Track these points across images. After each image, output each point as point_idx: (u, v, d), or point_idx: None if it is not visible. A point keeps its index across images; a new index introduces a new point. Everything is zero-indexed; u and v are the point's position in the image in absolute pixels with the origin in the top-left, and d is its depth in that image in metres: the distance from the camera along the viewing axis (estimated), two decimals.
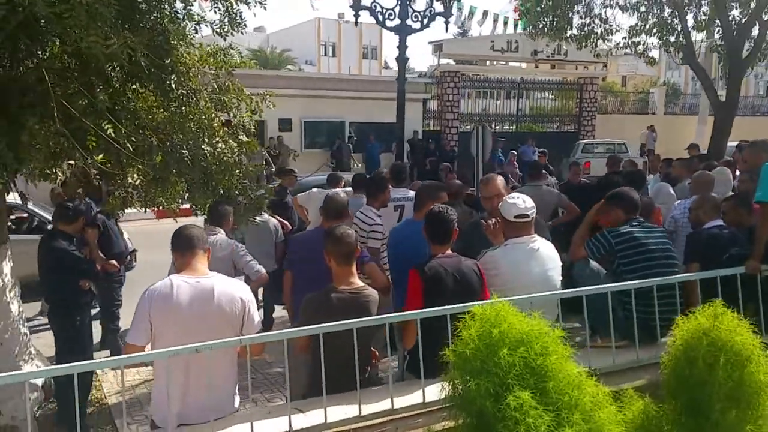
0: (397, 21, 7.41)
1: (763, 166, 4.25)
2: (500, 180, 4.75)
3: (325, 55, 53.19)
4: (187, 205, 5.30)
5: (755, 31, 9.30)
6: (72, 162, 4.46)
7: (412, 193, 6.15)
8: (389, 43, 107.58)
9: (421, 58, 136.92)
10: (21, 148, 3.83)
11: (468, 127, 22.16)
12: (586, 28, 11.13)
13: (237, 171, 5.17)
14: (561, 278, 3.90)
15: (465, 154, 20.23)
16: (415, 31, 7.59)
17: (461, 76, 22.28)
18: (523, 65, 27.49)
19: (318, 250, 3.46)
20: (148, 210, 5.24)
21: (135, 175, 4.73)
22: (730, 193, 5.69)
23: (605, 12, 11.04)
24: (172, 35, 4.36)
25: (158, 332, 2.91)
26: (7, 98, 3.81)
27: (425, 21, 7.55)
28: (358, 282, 3.34)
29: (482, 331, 2.42)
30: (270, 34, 53.72)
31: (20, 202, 5.77)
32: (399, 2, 7.42)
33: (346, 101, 19.99)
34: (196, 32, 4.80)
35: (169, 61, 4.38)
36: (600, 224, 4.45)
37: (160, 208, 5.13)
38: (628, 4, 11.09)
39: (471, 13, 11.11)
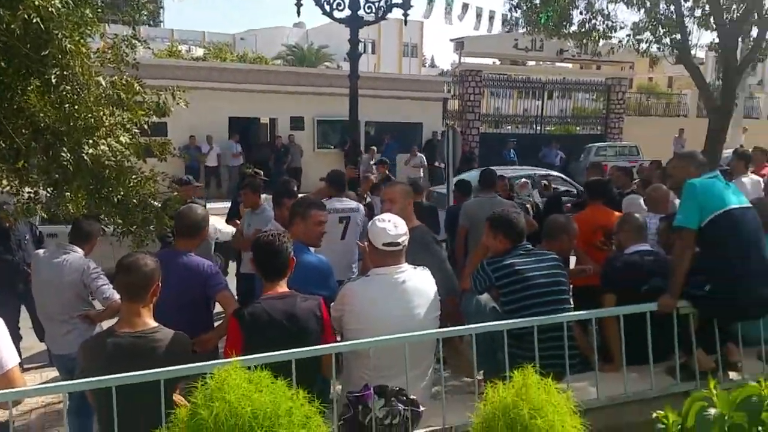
0: (348, 12, 6.91)
1: (685, 184, 3.65)
2: (400, 187, 4.28)
3: (365, 52, 52.95)
4: None
5: (755, 32, 8.56)
6: None
7: (355, 204, 5.74)
8: (431, 41, 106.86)
9: (446, 55, 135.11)
10: None
11: (482, 128, 21.58)
12: (587, 25, 10.44)
13: (133, 177, 4.78)
14: (437, 314, 3.37)
15: (485, 156, 19.92)
16: (369, 23, 7.11)
17: (482, 75, 21.60)
18: (556, 64, 26.54)
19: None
20: None
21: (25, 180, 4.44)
22: None
23: (608, 8, 10.33)
24: (54, 22, 3.97)
25: None
26: None
27: (380, 12, 7.04)
28: (149, 323, 2.78)
29: (193, 412, 1.90)
30: (309, 30, 53.82)
31: None
32: None
33: (362, 99, 19.57)
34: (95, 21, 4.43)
35: (48, 52, 4.03)
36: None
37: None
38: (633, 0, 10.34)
39: (448, 5, 10.48)
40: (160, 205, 4.86)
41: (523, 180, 8.47)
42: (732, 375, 3.77)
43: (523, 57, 23.27)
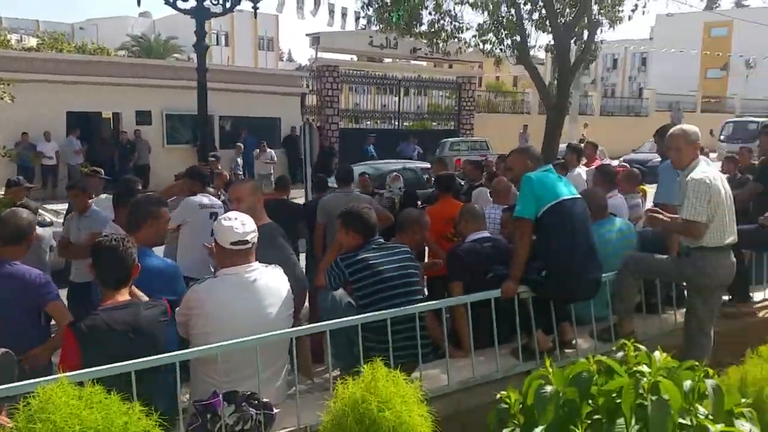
0: (193, 3, 6.63)
1: (523, 177, 3.89)
2: (248, 184, 4.16)
3: (217, 44, 51.30)
4: None
5: (586, 35, 9.39)
6: None
7: (218, 201, 5.52)
8: (288, 35, 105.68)
9: (304, 49, 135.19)
10: None
11: (341, 123, 21.79)
12: (436, 25, 10.82)
13: None
14: (291, 311, 3.32)
15: (345, 151, 20.11)
16: (215, 15, 6.89)
17: (340, 71, 21.72)
18: (411, 62, 27.32)
19: None
20: None
21: None
22: None
23: (455, 9, 10.77)
24: None
25: None
26: None
27: (227, 4, 6.82)
28: None
29: None
30: (156, 20, 51.13)
31: None
32: None
33: (216, 93, 18.89)
34: None
35: None
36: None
37: None
38: (478, 2, 10.86)
39: (300, 0, 10.45)
40: None
41: (395, 173, 8.59)
42: (568, 352, 4.06)
43: (379, 54, 23.70)
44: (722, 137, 24.95)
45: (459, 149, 20.49)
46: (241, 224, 3.10)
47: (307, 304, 4.76)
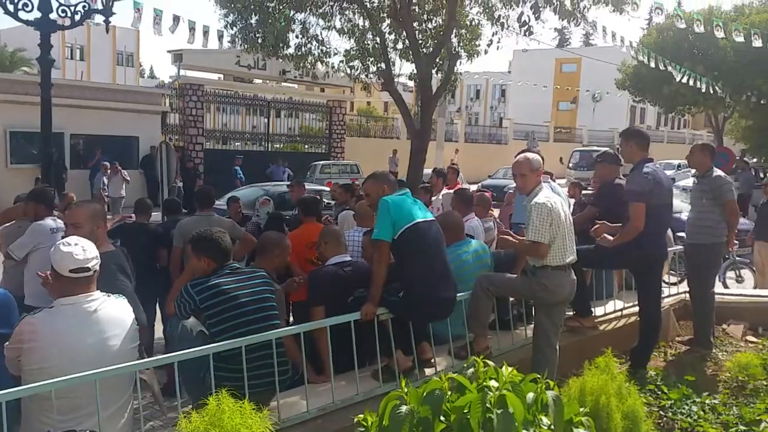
0: (38, 14, 6.17)
1: (380, 202, 3.98)
2: (86, 208, 3.86)
3: (72, 58, 48.09)
4: None
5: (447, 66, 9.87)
6: None
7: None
8: (150, 51, 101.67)
9: (168, 67, 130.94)
10: None
11: (207, 144, 21.21)
12: (303, 48, 10.85)
13: None
14: (136, 344, 3.10)
15: (212, 173, 19.46)
16: (63, 27, 6.46)
17: (204, 90, 21.12)
18: (282, 84, 27.16)
19: None
20: None
21: None
22: None
23: (321, 34, 10.88)
24: None
25: None
26: None
27: (77, 17, 6.42)
28: None
29: None
30: (3, 30, 47.05)
31: None
32: None
33: (66, 110, 17.61)
34: None
35: None
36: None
37: None
38: (345, 28, 11.06)
39: (157, 15, 10.10)
40: None
41: (264, 197, 8.41)
42: (427, 371, 4.16)
43: (248, 75, 23.33)
44: (570, 164, 27.51)
45: (330, 172, 20.64)
46: (82, 250, 2.87)
47: None
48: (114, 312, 2.95)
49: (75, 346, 2.78)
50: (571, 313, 5.24)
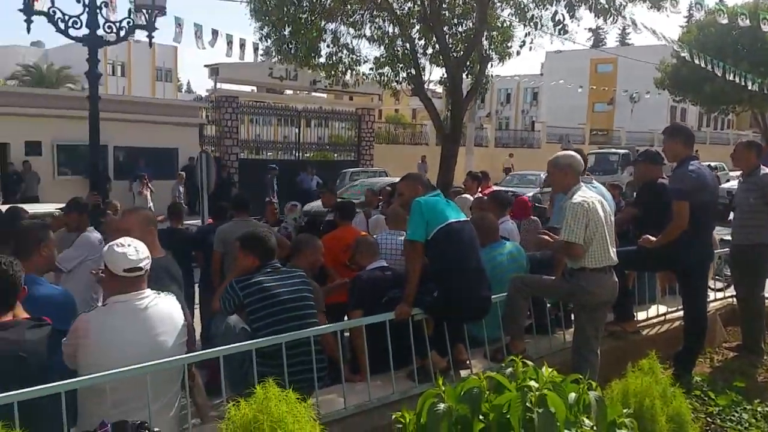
0: (86, 31, 6.41)
1: (412, 203, 4.00)
2: (137, 214, 3.97)
3: (114, 74, 49.51)
4: None
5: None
6: None
7: None
8: (187, 66, 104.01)
9: (204, 81, 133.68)
10: None
11: (241, 154, 21.56)
12: (334, 57, 10.99)
13: None
14: (184, 339, 3.20)
15: (246, 182, 19.79)
16: (109, 43, 6.71)
17: (239, 102, 21.49)
18: (312, 94, 27.47)
19: None
20: None
21: None
22: None
23: (352, 42, 11.00)
24: None
25: None
26: None
27: (122, 33, 6.65)
28: None
29: None
30: (50, 50, 48.83)
31: None
32: (87, 10, 6.42)
33: (110, 123, 18.15)
34: None
35: None
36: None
37: None
38: (375, 36, 11.15)
39: (198, 30, 10.38)
40: None
41: (291, 204, 8.54)
42: (463, 373, 4.14)
43: (279, 86, 23.67)
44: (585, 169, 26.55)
45: (359, 179, 20.75)
46: (135, 250, 2.99)
47: None
48: (164, 309, 3.07)
49: (127, 341, 2.91)
50: (613, 318, 5.15)
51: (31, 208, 6.64)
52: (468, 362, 4.26)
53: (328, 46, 10.91)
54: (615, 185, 9.27)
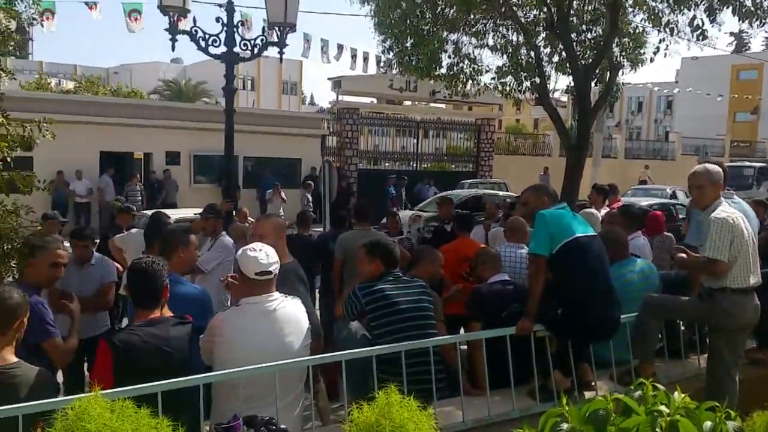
0: (223, 48, 6.87)
1: (536, 215, 3.89)
2: (271, 221, 4.19)
3: (244, 88, 52.60)
4: None
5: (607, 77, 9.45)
6: None
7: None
8: (311, 79, 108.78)
9: (325, 93, 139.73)
10: None
11: (360, 164, 22.06)
12: (455, 68, 10.98)
13: None
14: (309, 342, 3.34)
15: (365, 191, 20.25)
16: (245, 60, 7.12)
17: (359, 113, 22.06)
18: (431, 104, 27.63)
19: None
20: None
21: None
22: None
23: (474, 52, 10.94)
24: None
25: None
26: None
27: (256, 50, 7.05)
28: (8, 358, 2.70)
29: None
30: (187, 66, 52.81)
31: None
32: (225, 29, 6.88)
33: (241, 135, 19.27)
34: None
35: None
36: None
37: None
38: (498, 45, 11.03)
39: (324, 46, 10.73)
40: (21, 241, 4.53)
41: (415, 215, 8.64)
42: (587, 394, 3.98)
43: (399, 97, 24.00)
44: None
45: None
46: (266, 255, 3.17)
47: None
48: (291, 311, 3.22)
49: (257, 341, 3.08)
50: (755, 344, 4.75)
51: (173, 214, 7.24)
52: (593, 383, 4.08)
53: (449, 57, 10.90)
54: (759, 202, 8.57)
